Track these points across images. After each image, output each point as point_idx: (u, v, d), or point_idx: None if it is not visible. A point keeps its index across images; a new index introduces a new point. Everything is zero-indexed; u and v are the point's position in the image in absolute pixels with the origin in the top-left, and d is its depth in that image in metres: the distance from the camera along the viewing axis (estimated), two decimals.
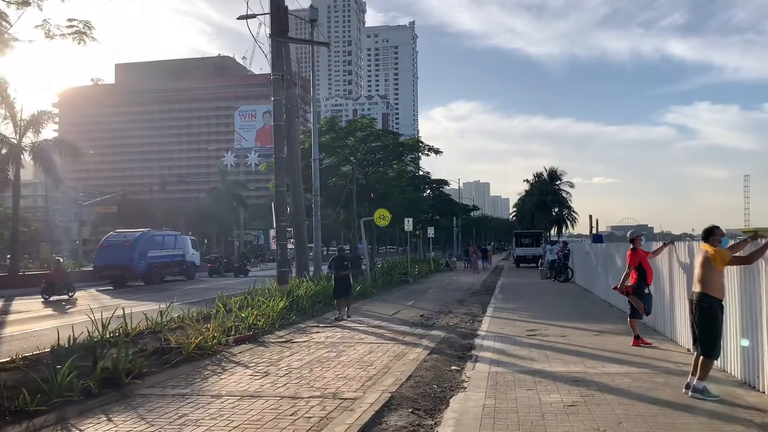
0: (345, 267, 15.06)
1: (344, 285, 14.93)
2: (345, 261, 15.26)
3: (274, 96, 16.34)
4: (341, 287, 14.90)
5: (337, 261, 15.28)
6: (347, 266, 15.17)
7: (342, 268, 15.00)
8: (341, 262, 15.16)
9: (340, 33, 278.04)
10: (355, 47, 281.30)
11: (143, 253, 32.37)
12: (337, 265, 15.13)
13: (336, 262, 15.23)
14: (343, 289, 14.93)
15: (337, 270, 15.00)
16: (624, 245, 16.25)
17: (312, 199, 24.36)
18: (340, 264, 15.09)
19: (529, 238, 46.96)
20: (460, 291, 24.01)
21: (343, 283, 14.90)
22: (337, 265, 15.15)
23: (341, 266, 15.04)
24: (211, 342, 10.28)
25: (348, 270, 15.17)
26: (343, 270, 14.97)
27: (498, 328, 12.52)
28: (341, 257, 15.47)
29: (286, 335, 12.19)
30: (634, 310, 10.15)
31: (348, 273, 15.14)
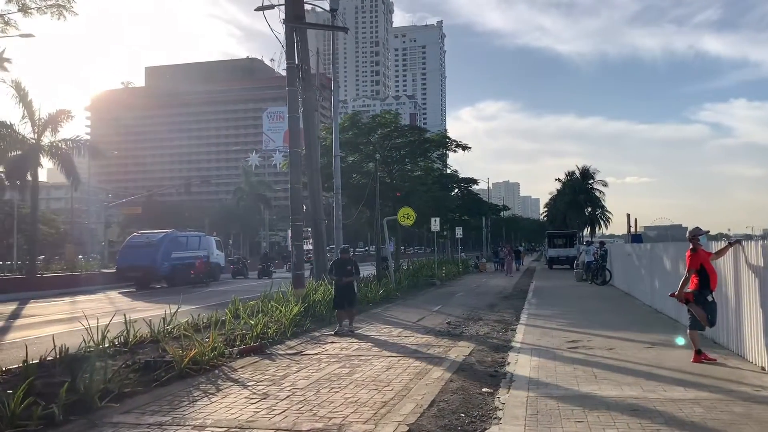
0: (348, 273, 12.82)
1: (347, 294, 12.74)
2: (348, 265, 12.94)
3: (289, 86, 15.22)
4: (343, 297, 12.74)
5: (338, 265, 13.06)
6: (351, 272, 12.87)
7: (344, 273, 12.81)
8: (344, 266, 12.92)
9: (368, 34, 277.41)
10: (383, 47, 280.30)
11: (167, 254, 31.66)
12: (339, 269, 12.95)
13: (337, 267, 13.04)
14: (345, 299, 12.74)
15: (339, 276, 12.87)
16: (673, 246, 14.79)
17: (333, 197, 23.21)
18: (343, 269, 12.88)
19: (563, 239, 45.20)
20: (490, 295, 22.62)
21: (345, 292, 12.73)
22: (338, 270, 12.96)
23: (343, 272, 12.84)
24: (209, 355, 9.13)
25: (352, 276, 12.92)
26: (347, 276, 12.80)
27: (534, 339, 11.17)
28: (344, 261, 13.08)
29: (297, 345, 11.00)
30: (695, 321, 8.71)
31: (352, 280, 12.91)
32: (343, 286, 12.72)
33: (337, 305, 12.83)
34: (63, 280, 31.25)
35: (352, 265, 12.97)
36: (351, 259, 13.26)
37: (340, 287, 12.76)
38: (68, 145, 30.82)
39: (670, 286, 14.02)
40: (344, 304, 12.71)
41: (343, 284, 12.72)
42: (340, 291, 12.74)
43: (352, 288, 12.85)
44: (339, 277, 12.79)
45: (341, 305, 12.74)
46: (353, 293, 12.92)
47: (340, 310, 12.77)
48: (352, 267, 12.91)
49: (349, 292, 12.75)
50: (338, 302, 12.80)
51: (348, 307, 12.79)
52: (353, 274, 12.91)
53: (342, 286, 12.73)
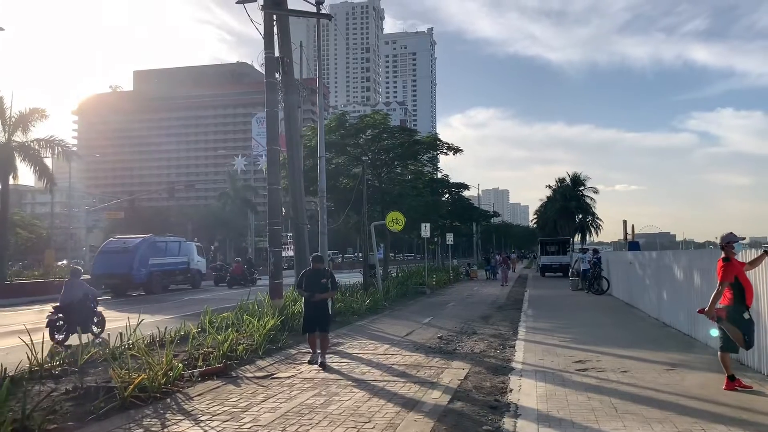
0: (322, 287, 9.94)
1: (318, 315, 9.92)
2: (322, 277, 10.04)
3: (267, 78, 13.97)
4: (314, 317, 9.91)
5: (310, 277, 10.08)
6: (326, 286, 9.99)
7: (317, 288, 9.91)
8: (316, 279, 10.02)
9: (359, 40, 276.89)
10: (373, 54, 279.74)
11: (144, 260, 30.24)
12: (311, 283, 9.99)
13: (308, 280, 10.05)
14: (318, 320, 9.90)
15: (310, 291, 9.90)
16: (685, 255, 13.62)
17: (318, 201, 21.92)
18: (315, 282, 9.97)
19: (555, 246, 44.08)
20: (483, 305, 21.38)
21: (316, 313, 9.92)
22: (310, 284, 9.99)
23: (316, 285, 9.94)
24: (161, 381, 7.81)
25: (327, 292, 10.06)
26: (320, 290, 9.92)
27: (537, 359, 9.92)
28: (316, 272, 10.12)
29: (268, 366, 9.68)
30: (728, 342, 7.47)
31: (326, 297, 10.12)
32: (314, 304, 9.93)
33: (308, 328, 10.02)
34: (35, 287, 29.74)
35: (327, 277, 10.11)
36: (325, 270, 10.42)
37: (310, 306, 9.98)
38: (41, 144, 29.32)
39: (681, 298, 12.87)
40: (315, 327, 9.93)
41: (313, 302, 9.92)
42: (311, 310, 9.97)
43: (325, 307, 10.12)
44: (310, 293, 9.90)
45: (311, 328, 9.97)
46: (326, 314, 10.15)
47: (311, 334, 10.04)
48: (327, 280, 10.04)
49: (322, 312, 9.98)
50: (308, 325, 10.00)
51: (320, 331, 9.93)
52: (328, 288, 10.04)
53: (313, 304, 9.94)
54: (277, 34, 16.02)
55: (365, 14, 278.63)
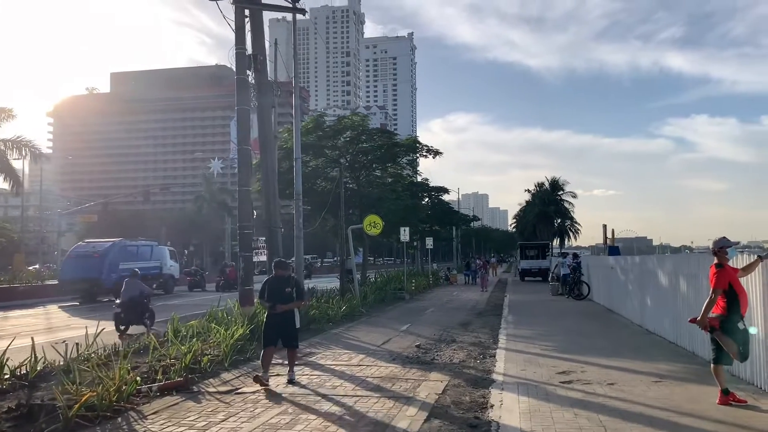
0: (286, 297, 8.82)
1: (283, 327, 8.78)
2: (287, 286, 8.90)
3: (238, 74, 13.36)
4: (276, 331, 8.78)
5: (273, 286, 8.91)
6: (291, 295, 8.87)
7: (281, 298, 8.78)
8: (280, 287, 8.87)
9: (339, 44, 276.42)
10: (354, 58, 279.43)
11: (114, 265, 29.30)
12: (274, 292, 8.84)
13: (272, 288, 8.88)
14: (281, 334, 8.80)
15: (273, 301, 8.79)
16: (670, 260, 13.23)
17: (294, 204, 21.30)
18: (279, 291, 8.84)
19: (535, 250, 43.82)
20: (463, 310, 20.89)
21: (281, 325, 8.77)
22: (273, 293, 8.84)
23: (280, 295, 8.81)
24: (112, 397, 7.16)
25: (292, 302, 8.88)
26: (284, 300, 8.79)
27: (519, 369, 9.42)
28: (280, 280, 8.97)
29: (233, 380, 9.06)
30: (721, 353, 7.01)
31: (291, 307, 8.85)
32: (277, 316, 8.76)
33: (268, 341, 8.77)
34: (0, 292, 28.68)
35: (292, 285, 8.98)
36: (291, 278, 9.19)
37: (273, 317, 8.82)
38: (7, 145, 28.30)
39: (666, 305, 12.46)
40: (276, 341, 8.79)
41: (276, 313, 8.76)
42: (274, 323, 8.80)
43: (291, 319, 8.84)
44: (273, 304, 8.79)
45: (273, 340, 8.76)
46: (292, 327, 8.86)
47: (270, 347, 8.78)
48: (292, 289, 8.92)
49: (287, 324, 8.80)
50: (268, 337, 8.77)
51: (286, 345, 8.93)
52: (293, 298, 8.90)
53: (276, 316, 8.77)
54: (250, 31, 15.45)
55: (345, 18, 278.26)
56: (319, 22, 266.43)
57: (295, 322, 8.93)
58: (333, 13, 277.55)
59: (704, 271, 9.90)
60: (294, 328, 8.96)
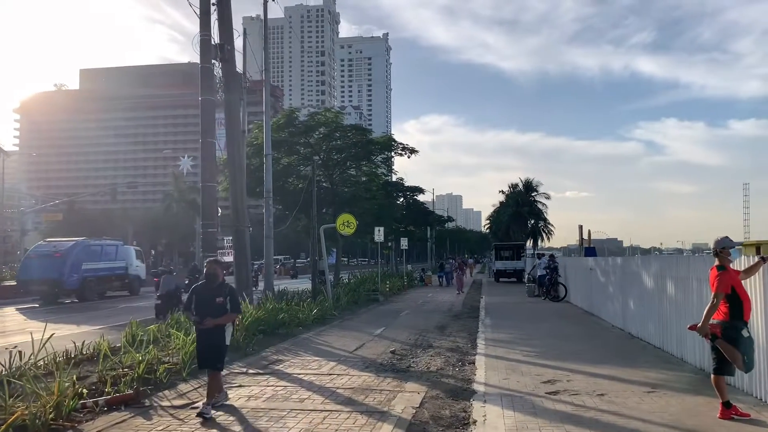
0: (216, 308, 7.23)
1: (209, 347, 7.30)
2: (218, 295, 7.27)
3: (202, 63, 12.55)
4: (207, 349, 7.33)
5: (201, 295, 7.36)
6: (222, 306, 7.26)
7: (210, 310, 7.21)
8: (210, 296, 7.29)
9: (314, 43, 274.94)
10: (329, 58, 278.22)
11: (76, 265, 28.20)
12: (202, 302, 7.29)
13: (199, 298, 7.34)
14: (208, 356, 7.35)
15: (201, 314, 7.23)
16: (657, 261, 12.72)
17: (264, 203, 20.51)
18: (208, 301, 7.27)
19: (510, 251, 43.46)
20: (439, 313, 20.26)
21: (208, 344, 7.30)
22: (201, 304, 7.29)
23: (209, 306, 7.23)
24: (49, 415, 6.34)
25: (225, 315, 7.30)
26: (214, 313, 7.21)
27: (500, 378, 8.79)
28: (210, 287, 7.38)
29: (191, 392, 8.27)
30: (723, 363, 6.44)
31: (222, 322, 7.28)
32: (206, 332, 7.24)
33: (202, 363, 7.57)
34: None
35: (224, 294, 7.32)
36: (223, 285, 7.46)
37: (201, 334, 7.35)
38: None
39: (652, 308, 11.90)
40: (209, 362, 7.38)
41: (206, 329, 7.22)
42: (202, 341, 7.38)
43: (219, 335, 7.25)
44: (200, 317, 7.21)
45: (208, 363, 7.40)
46: (220, 344, 7.30)
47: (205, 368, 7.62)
48: (224, 298, 7.28)
49: (213, 341, 7.24)
50: (203, 358, 7.46)
51: (207, 366, 7.42)
52: (226, 310, 7.29)
53: (204, 332, 7.25)
54: (218, 20, 14.65)
55: (320, 18, 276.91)
56: (293, 21, 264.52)
57: (224, 338, 7.33)
58: (308, 13, 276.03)
59: (695, 273, 9.41)
60: (221, 347, 7.33)
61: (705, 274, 8.88)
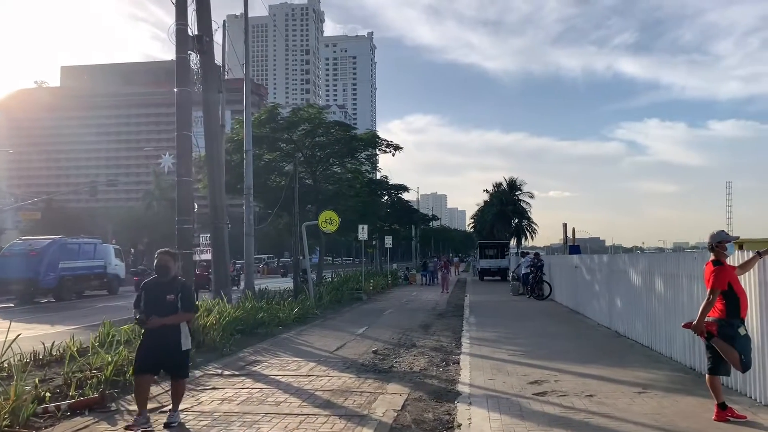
0: (167, 306, 6.35)
1: (163, 350, 6.33)
2: (169, 292, 6.41)
3: (178, 53, 12.12)
4: (154, 353, 6.36)
5: (151, 292, 6.51)
6: (174, 304, 6.38)
7: (161, 308, 6.34)
8: (161, 293, 6.44)
9: (298, 41, 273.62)
10: (313, 56, 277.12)
11: (53, 264, 27.60)
12: (152, 300, 6.42)
13: (149, 295, 6.49)
14: (160, 359, 6.40)
15: (150, 312, 6.33)
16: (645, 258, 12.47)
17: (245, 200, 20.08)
18: (158, 298, 6.42)
19: (494, 249, 43.35)
20: (423, 311, 19.95)
21: (160, 346, 6.33)
22: (151, 301, 6.42)
23: (160, 304, 6.37)
24: (3, 421, 5.92)
25: (176, 314, 6.38)
26: (164, 310, 6.33)
27: (486, 378, 8.48)
28: (160, 284, 6.54)
29: (161, 394, 7.79)
30: (719, 363, 6.16)
31: (175, 320, 6.36)
32: (155, 333, 6.31)
33: (141, 368, 6.43)
34: None
35: (176, 291, 6.43)
36: (175, 280, 6.58)
37: (150, 335, 6.39)
38: None
39: (639, 306, 11.62)
40: (156, 367, 6.54)
41: (155, 329, 6.29)
42: (151, 343, 6.38)
43: (174, 337, 6.35)
44: (147, 316, 6.30)
45: (148, 366, 6.44)
46: (177, 349, 6.37)
47: (142, 375, 6.44)
48: (176, 295, 6.39)
49: (169, 345, 6.33)
50: (143, 363, 6.41)
51: (170, 374, 6.60)
52: (178, 308, 6.38)
53: (154, 333, 6.33)
54: (196, 10, 14.22)
55: (305, 16, 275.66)
56: (278, 20, 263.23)
57: (180, 342, 6.36)
58: (292, 11, 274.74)
59: (685, 270, 9.15)
60: (180, 351, 6.39)
61: (695, 270, 8.66)
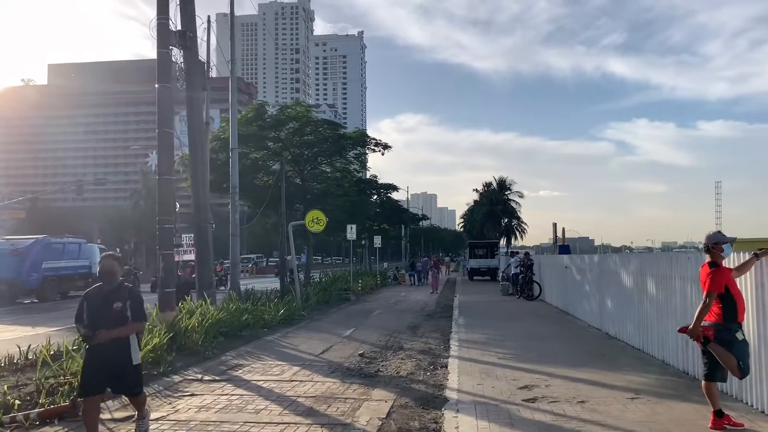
0: (115, 317, 5.48)
1: (112, 365, 5.51)
2: (115, 300, 5.54)
3: (159, 47, 11.77)
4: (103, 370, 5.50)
5: (94, 300, 5.62)
6: (122, 314, 5.53)
7: (106, 319, 5.45)
8: (105, 303, 5.55)
9: (288, 40, 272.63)
10: (303, 55, 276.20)
11: (36, 264, 27.17)
12: (95, 309, 5.54)
13: (92, 304, 5.59)
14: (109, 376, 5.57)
15: (94, 325, 5.44)
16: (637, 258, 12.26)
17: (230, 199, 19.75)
18: (103, 308, 5.52)
19: (484, 249, 43.17)
20: (411, 312, 19.69)
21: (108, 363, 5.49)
22: (93, 311, 5.53)
23: (104, 314, 5.48)
24: None
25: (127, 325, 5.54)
26: (111, 322, 5.45)
27: (474, 383, 8.22)
28: (99, 291, 5.68)
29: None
30: (715, 368, 5.92)
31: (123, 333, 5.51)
32: (102, 349, 5.42)
33: (90, 390, 5.51)
34: None
35: (123, 298, 5.56)
36: (122, 287, 5.66)
37: (95, 351, 5.48)
38: None
39: (631, 308, 11.40)
40: (103, 387, 5.64)
41: (101, 344, 5.40)
42: (97, 359, 5.48)
43: (123, 353, 5.52)
44: (91, 330, 5.39)
45: (96, 386, 5.54)
46: (127, 364, 5.56)
47: (91, 398, 5.54)
48: (124, 303, 5.54)
49: (117, 360, 5.50)
50: (91, 384, 5.51)
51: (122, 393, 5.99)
52: (126, 319, 5.53)
53: (100, 349, 5.43)
54: (179, 5, 13.88)
55: (295, 15, 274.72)
56: (267, 18, 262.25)
57: (130, 356, 5.56)
58: (282, 10, 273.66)
59: (678, 272, 8.94)
60: (131, 367, 5.59)
61: (689, 272, 8.45)
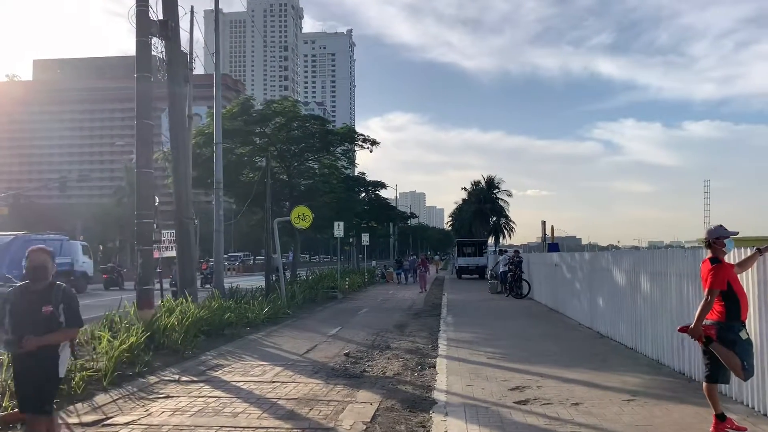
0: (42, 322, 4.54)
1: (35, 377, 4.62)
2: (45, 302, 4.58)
3: (139, 36, 11.35)
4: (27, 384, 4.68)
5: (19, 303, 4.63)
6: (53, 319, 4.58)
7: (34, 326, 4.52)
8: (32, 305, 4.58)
9: (277, 37, 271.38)
10: (292, 53, 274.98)
11: (15, 261, 26.38)
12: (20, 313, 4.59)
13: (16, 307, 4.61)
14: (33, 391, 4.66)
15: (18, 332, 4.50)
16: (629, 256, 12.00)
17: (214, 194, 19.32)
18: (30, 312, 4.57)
19: (472, 247, 43.00)
20: (398, 311, 19.36)
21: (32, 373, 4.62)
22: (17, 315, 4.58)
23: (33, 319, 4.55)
24: None
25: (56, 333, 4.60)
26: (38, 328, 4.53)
27: (464, 384, 7.89)
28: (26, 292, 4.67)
29: (108, 404, 7.13)
30: (717, 369, 5.62)
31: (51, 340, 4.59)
32: (27, 357, 4.58)
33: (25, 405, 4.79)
34: None
35: (56, 301, 4.63)
36: (54, 287, 4.71)
37: (20, 361, 4.69)
38: None
39: (624, 306, 11.09)
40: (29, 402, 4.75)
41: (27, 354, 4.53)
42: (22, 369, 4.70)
43: (50, 363, 4.66)
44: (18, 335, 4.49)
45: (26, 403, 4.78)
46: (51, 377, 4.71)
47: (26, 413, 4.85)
48: (55, 308, 4.61)
49: (44, 370, 4.65)
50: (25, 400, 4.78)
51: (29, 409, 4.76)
52: (59, 324, 4.63)
53: (24, 358, 4.61)
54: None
55: (284, 12, 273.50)
56: (256, 15, 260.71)
57: (56, 367, 4.70)
58: (271, 7, 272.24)
59: (674, 269, 8.66)
60: (53, 381, 4.75)
61: (685, 269, 8.18)
